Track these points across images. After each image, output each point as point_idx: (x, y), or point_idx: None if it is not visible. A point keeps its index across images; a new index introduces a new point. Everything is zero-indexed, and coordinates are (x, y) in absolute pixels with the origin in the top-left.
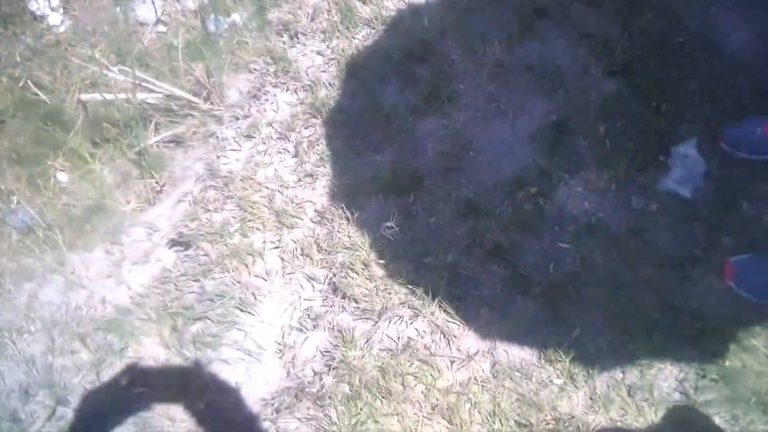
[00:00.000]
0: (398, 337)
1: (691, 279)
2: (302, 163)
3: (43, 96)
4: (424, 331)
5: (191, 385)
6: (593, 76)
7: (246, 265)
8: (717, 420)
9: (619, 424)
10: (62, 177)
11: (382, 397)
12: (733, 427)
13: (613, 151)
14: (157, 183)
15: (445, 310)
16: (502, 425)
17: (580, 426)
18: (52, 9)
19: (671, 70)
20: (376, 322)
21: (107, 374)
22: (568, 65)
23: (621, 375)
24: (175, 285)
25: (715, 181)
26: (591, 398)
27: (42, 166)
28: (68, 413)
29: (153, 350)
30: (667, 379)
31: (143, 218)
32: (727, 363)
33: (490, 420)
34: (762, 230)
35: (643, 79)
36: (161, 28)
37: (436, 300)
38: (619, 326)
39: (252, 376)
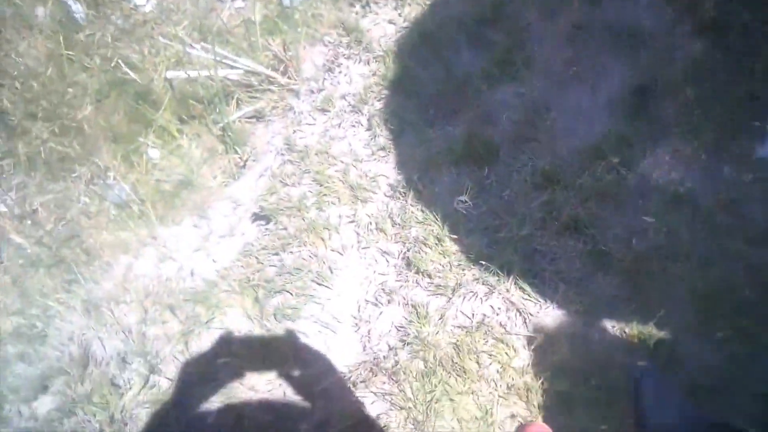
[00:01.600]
0: (473, 314)
1: None
2: (375, 136)
3: (133, 75)
4: (499, 308)
5: (273, 356)
6: (679, 35)
7: (322, 239)
8: None
9: None
10: (153, 153)
11: (457, 374)
12: None
13: (703, 117)
14: (240, 158)
15: (520, 287)
16: (580, 412)
17: None
18: None
19: (767, 27)
20: (450, 298)
21: (195, 344)
22: (651, 24)
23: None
24: (257, 258)
25: None
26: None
27: (135, 143)
28: (160, 381)
29: (237, 321)
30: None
31: (228, 193)
32: None
33: (567, 405)
34: None
35: (735, 38)
36: (239, 3)
37: (511, 276)
38: (706, 306)
39: (330, 349)
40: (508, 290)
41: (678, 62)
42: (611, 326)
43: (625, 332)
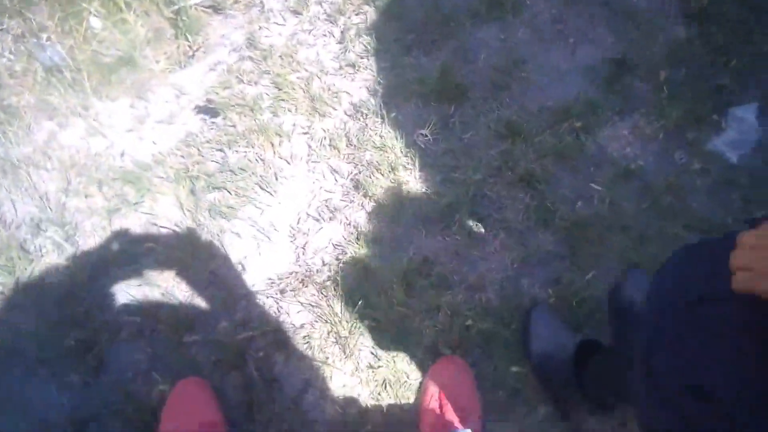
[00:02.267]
0: (413, 246)
1: None
2: (346, 50)
3: None
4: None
5: (200, 251)
6: (667, 18)
7: (272, 145)
8: None
9: None
10: (95, 23)
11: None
12: None
13: (670, 100)
14: (190, 47)
15: (464, 229)
16: (496, 350)
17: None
18: None
19: (752, 26)
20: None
21: (119, 223)
22: (645, 2)
23: None
24: (199, 150)
25: (765, 152)
26: None
27: (76, 7)
28: (76, 253)
29: (167, 210)
30: None
31: (172, 80)
32: None
33: (486, 343)
34: None
35: (719, 29)
36: None
37: (457, 216)
38: None
39: (261, 254)
40: (449, 228)
41: (660, 44)
42: (541, 279)
43: (552, 288)
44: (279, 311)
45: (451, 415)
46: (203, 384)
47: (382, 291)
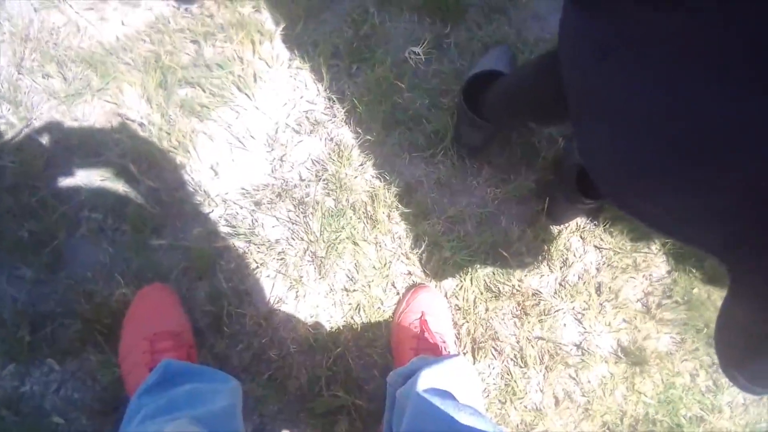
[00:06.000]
0: (394, 171)
1: None
2: None
3: None
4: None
5: (169, 150)
6: None
7: (252, 43)
8: (666, 339)
9: (578, 315)
10: None
11: (366, 221)
12: (678, 349)
13: None
14: None
15: (449, 158)
16: (471, 284)
17: (545, 306)
18: None
19: None
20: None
21: (81, 111)
22: None
23: (595, 271)
24: (171, 38)
25: None
26: (560, 284)
27: None
28: (32, 136)
29: (134, 101)
30: (635, 288)
31: None
32: (695, 290)
33: (462, 276)
34: None
35: None
36: None
37: (441, 146)
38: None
39: (235, 161)
40: (434, 156)
41: None
42: (519, 219)
43: (531, 226)
44: (253, 224)
45: (434, 340)
46: (169, 291)
47: (363, 215)
